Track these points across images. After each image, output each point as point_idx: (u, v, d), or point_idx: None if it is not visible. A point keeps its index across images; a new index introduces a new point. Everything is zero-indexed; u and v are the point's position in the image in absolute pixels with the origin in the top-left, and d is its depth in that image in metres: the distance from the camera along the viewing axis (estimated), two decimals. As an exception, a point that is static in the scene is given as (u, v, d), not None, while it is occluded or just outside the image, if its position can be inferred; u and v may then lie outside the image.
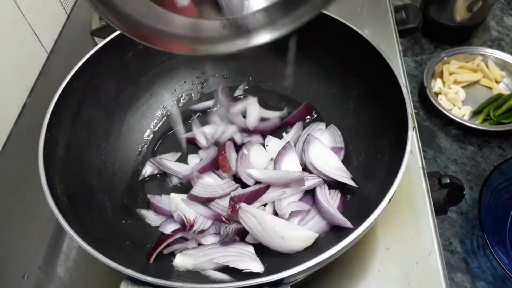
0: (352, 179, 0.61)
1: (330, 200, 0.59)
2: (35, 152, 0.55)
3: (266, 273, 0.46)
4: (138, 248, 0.58)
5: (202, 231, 0.58)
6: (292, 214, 0.59)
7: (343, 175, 0.61)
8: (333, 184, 0.62)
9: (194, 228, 0.58)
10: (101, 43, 0.68)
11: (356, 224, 0.48)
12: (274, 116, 0.74)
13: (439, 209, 0.69)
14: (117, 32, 0.70)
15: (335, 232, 0.58)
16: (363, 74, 0.68)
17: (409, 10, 0.97)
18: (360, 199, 0.59)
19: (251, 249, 0.57)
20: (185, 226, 0.58)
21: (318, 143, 0.65)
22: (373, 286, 0.59)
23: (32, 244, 0.66)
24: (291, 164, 0.64)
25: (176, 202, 0.60)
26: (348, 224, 0.55)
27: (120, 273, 0.45)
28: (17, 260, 0.65)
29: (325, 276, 0.60)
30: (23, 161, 0.67)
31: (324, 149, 0.65)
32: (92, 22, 0.98)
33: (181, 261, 0.56)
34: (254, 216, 0.55)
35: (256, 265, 0.54)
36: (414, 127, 0.55)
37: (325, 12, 0.70)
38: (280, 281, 0.45)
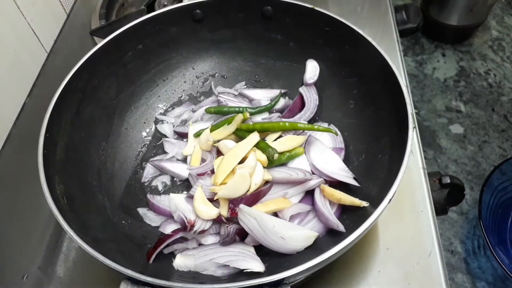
0: (354, 178, 0.61)
1: (327, 202, 0.59)
2: (34, 152, 0.55)
3: (266, 273, 0.46)
4: (138, 248, 0.58)
5: (202, 231, 0.58)
6: (292, 215, 0.59)
7: (345, 175, 0.61)
8: (335, 183, 0.61)
9: (195, 229, 0.58)
10: (101, 43, 0.68)
11: (356, 224, 0.48)
12: (274, 115, 0.74)
13: (440, 209, 0.69)
14: (117, 32, 0.70)
15: (336, 232, 0.57)
16: (363, 74, 0.68)
17: (409, 10, 0.97)
18: (360, 199, 0.59)
19: (251, 248, 0.57)
20: (185, 227, 0.58)
21: (319, 144, 0.65)
22: (373, 286, 0.59)
23: (32, 244, 0.66)
24: (300, 161, 0.64)
25: (176, 202, 0.60)
26: (341, 228, 0.55)
27: (120, 273, 0.45)
28: (17, 260, 0.65)
29: (325, 276, 0.60)
30: (23, 161, 0.67)
31: (325, 150, 0.64)
32: (91, 22, 0.98)
33: (181, 261, 0.55)
34: (253, 217, 0.55)
35: (257, 265, 0.54)
36: (414, 127, 0.55)
37: (325, 12, 0.70)
38: (280, 281, 0.44)
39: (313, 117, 0.73)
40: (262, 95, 0.77)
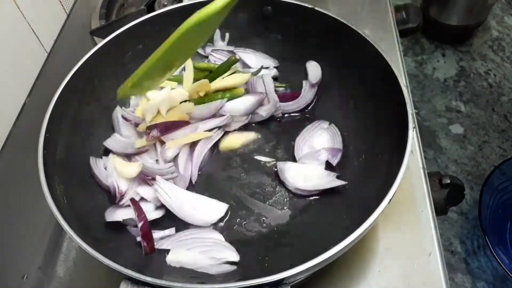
0: (338, 177, 0.62)
1: None
2: (34, 152, 0.55)
3: (266, 273, 0.46)
4: (138, 248, 0.58)
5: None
6: None
7: (329, 180, 0.62)
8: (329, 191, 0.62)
9: (124, 201, 0.59)
10: (101, 42, 0.68)
11: (356, 225, 0.48)
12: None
13: (440, 209, 0.69)
14: (117, 32, 0.70)
15: (335, 231, 0.57)
16: (363, 74, 0.68)
17: (409, 10, 0.97)
18: (360, 199, 0.59)
19: (221, 237, 0.58)
20: (115, 196, 0.59)
21: (288, 165, 0.65)
22: (373, 286, 0.59)
23: (32, 244, 0.66)
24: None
25: (113, 166, 0.62)
26: None
27: (120, 273, 0.45)
28: (17, 260, 0.65)
29: (325, 276, 0.60)
30: (23, 161, 0.67)
31: (298, 166, 0.65)
32: (91, 21, 0.98)
33: (173, 257, 0.56)
34: (169, 189, 0.59)
35: (232, 254, 0.55)
36: (414, 127, 0.55)
37: (325, 12, 0.70)
38: (280, 281, 0.44)
39: (305, 116, 0.73)
40: (255, 63, 0.78)
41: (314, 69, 0.74)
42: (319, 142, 0.68)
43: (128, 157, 0.65)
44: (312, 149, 0.67)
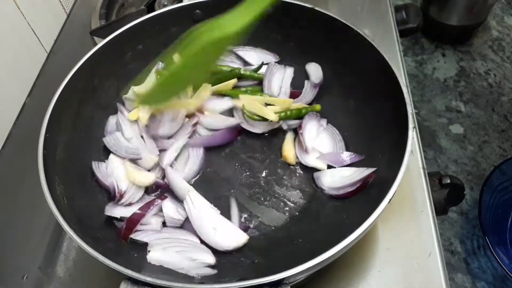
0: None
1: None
2: (34, 153, 0.55)
3: (266, 273, 0.46)
4: (138, 248, 0.58)
5: (129, 204, 0.59)
6: None
7: (360, 171, 0.61)
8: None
9: (123, 200, 0.59)
10: (101, 43, 0.68)
11: (356, 224, 0.48)
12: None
13: (440, 209, 0.69)
14: (117, 32, 0.70)
15: (335, 231, 0.57)
16: (363, 74, 0.68)
17: (409, 10, 0.97)
18: (360, 199, 0.59)
19: (197, 239, 0.58)
20: (114, 196, 0.59)
21: (326, 172, 0.65)
22: (373, 286, 0.59)
23: (32, 244, 0.66)
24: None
25: (114, 166, 0.61)
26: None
27: (120, 273, 0.45)
28: (17, 260, 0.65)
29: (325, 276, 0.60)
30: (23, 161, 0.67)
31: (334, 172, 0.65)
32: (91, 22, 0.98)
33: (155, 255, 0.55)
34: (197, 203, 0.58)
35: (208, 257, 0.55)
36: (414, 127, 0.55)
37: (325, 12, 0.70)
38: (280, 281, 0.44)
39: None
40: (255, 60, 0.78)
41: (314, 70, 0.74)
42: (320, 142, 0.68)
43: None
44: (313, 150, 0.67)
